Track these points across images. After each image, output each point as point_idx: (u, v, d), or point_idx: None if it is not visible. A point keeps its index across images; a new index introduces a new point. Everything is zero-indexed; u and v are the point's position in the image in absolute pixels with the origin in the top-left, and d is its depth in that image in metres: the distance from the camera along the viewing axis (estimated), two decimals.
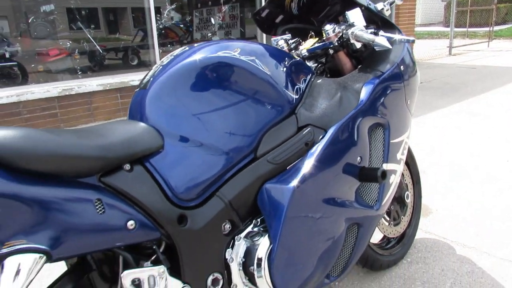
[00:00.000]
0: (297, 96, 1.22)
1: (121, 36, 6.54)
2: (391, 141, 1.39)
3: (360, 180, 1.27)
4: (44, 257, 0.78)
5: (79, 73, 4.87)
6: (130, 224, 0.91)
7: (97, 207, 0.87)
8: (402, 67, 1.42)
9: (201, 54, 1.11)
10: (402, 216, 1.83)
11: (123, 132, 0.98)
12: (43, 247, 0.77)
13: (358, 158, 1.25)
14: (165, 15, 6.92)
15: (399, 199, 1.78)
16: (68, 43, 5.23)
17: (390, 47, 1.26)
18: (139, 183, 0.96)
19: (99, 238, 0.87)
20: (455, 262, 1.86)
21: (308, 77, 1.31)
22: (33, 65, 4.76)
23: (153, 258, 0.98)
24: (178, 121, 1.06)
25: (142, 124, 1.03)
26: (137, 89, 1.14)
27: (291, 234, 1.10)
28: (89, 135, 0.92)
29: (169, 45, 6.31)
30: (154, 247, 0.99)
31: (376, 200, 1.37)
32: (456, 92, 5.74)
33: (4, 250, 0.74)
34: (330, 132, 1.19)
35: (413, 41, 1.27)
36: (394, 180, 1.44)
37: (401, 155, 1.48)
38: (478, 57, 9.63)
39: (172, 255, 1.01)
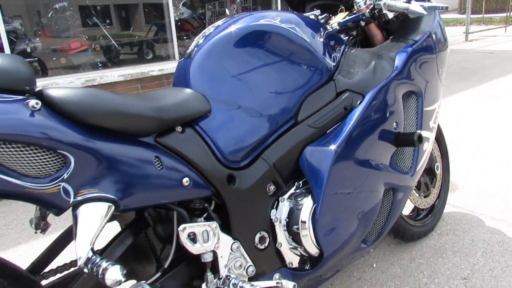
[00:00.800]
0: (334, 64, 1.26)
1: (134, 32, 6.63)
2: (424, 109, 1.42)
3: (396, 145, 1.30)
4: (113, 207, 0.84)
5: (99, 65, 4.96)
6: (186, 181, 0.96)
7: (156, 164, 0.92)
8: (434, 36, 1.44)
9: (243, 23, 1.15)
10: (432, 188, 1.86)
11: (174, 96, 1.03)
12: (112, 197, 0.83)
13: (394, 123, 1.29)
14: (180, 7, 6.99)
15: (429, 171, 1.80)
16: (85, 38, 5.33)
17: (425, 13, 1.29)
18: (190, 144, 1.01)
19: (159, 193, 0.92)
20: (485, 234, 1.88)
21: (342, 47, 1.34)
22: (54, 59, 4.87)
23: (205, 215, 1.03)
24: (224, 87, 1.10)
25: (190, 90, 1.08)
26: (181, 60, 1.19)
27: (333, 194, 1.14)
28: (146, 98, 0.97)
29: (185, 38, 6.37)
30: (205, 205, 1.04)
31: (410, 166, 1.40)
32: (474, 76, 5.69)
33: (79, 198, 0.80)
34: (368, 97, 1.22)
35: (447, 8, 1.29)
36: (427, 148, 1.47)
37: (433, 124, 1.50)
38: (495, 42, 9.49)
39: (221, 214, 1.06)
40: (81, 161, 0.79)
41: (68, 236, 1.17)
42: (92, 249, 0.79)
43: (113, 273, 0.73)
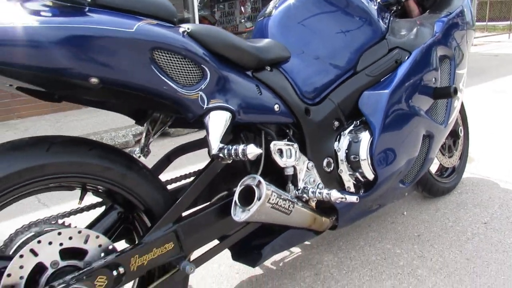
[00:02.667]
0: (386, 26, 1.51)
1: None
2: (456, 71, 1.67)
3: (434, 97, 1.55)
4: (231, 117, 1.08)
5: None
6: (276, 107, 1.21)
7: (257, 91, 1.17)
8: (465, 10, 1.70)
9: None
10: (455, 151, 2.10)
11: (265, 43, 1.28)
12: (233, 108, 1.08)
13: (433, 78, 1.54)
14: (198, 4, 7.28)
15: (453, 133, 2.05)
16: None
17: None
18: (278, 80, 1.26)
19: (260, 112, 1.17)
20: (500, 192, 2.13)
21: (388, 16, 1.60)
22: None
23: (287, 138, 1.28)
24: (300, 39, 1.35)
25: (274, 40, 1.33)
26: (259, 19, 1.44)
27: (386, 130, 1.39)
28: (246, 41, 1.22)
29: None
30: (287, 130, 1.29)
31: (443, 119, 1.65)
32: (481, 75, 5.95)
33: (210, 105, 1.04)
34: (414, 53, 1.48)
35: None
36: (457, 106, 1.72)
37: (462, 86, 1.75)
38: (499, 47, 9.77)
39: (297, 140, 1.31)
40: (213, 77, 1.04)
41: (163, 165, 1.41)
42: (221, 143, 1.03)
43: (252, 148, 0.97)
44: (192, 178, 1.23)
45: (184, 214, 1.12)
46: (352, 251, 1.67)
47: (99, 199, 1.19)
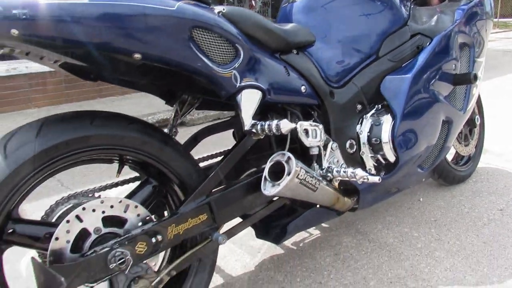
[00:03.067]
0: (407, 12, 1.54)
1: None
2: (475, 59, 1.70)
3: (454, 84, 1.58)
4: (262, 95, 1.13)
5: None
6: (303, 88, 1.25)
7: (285, 71, 1.21)
8: (485, 0, 1.72)
9: None
10: (471, 140, 2.13)
11: (292, 27, 1.32)
12: (263, 87, 1.12)
13: (453, 65, 1.57)
14: None
15: (470, 122, 2.08)
16: None
17: None
18: (304, 63, 1.30)
19: (287, 93, 1.21)
20: None
21: (409, 3, 1.63)
22: None
23: (312, 119, 1.32)
24: (323, 24, 1.39)
25: (299, 25, 1.37)
26: (284, 4, 1.48)
27: (408, 113, 1.42)
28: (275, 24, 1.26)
29: None
30: (312, 112, 1.33)
31: (462, 106, 1.68)
32: (494, 70, 5.93)
33: (242, 84, 1.08)
34: (435, 39, 1.51)
35: None
36: (475, 93, 1.75)
37: (480, 74, 1.78)
38: (510, 43, 9.69)
39: (322, 122, 1.35)
40: (246, 56, 1.08)
41: (191, 145, 1.46)
42: (253, 119, 1.08)
43: (286, 123, 1.02)
44: (218, 159, 1.28)
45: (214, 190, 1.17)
46: (370, 234, 1.71)
47: (132, 175, 1.24)
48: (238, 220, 1.24)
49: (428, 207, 1.92)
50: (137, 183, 1.18)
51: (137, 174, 1.24)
